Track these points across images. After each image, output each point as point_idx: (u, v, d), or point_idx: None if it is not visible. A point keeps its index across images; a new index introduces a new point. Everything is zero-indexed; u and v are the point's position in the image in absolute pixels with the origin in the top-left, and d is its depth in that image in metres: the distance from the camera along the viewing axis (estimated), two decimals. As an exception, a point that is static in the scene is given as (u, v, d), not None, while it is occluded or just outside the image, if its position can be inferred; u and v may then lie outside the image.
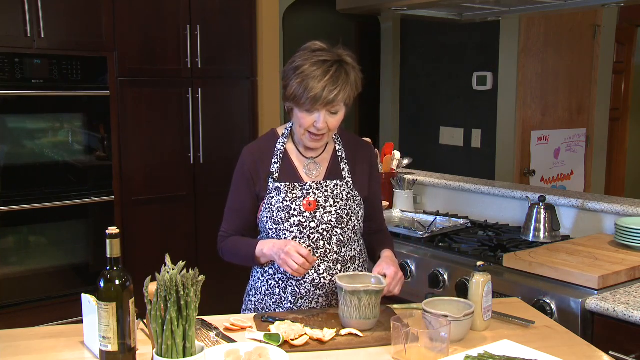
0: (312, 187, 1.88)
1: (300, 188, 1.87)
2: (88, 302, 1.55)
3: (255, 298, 1.96)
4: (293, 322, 1.67)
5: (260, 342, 1.58)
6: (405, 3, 2.94)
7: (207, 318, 1.72)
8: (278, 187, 1.87)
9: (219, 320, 1.71)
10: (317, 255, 1.85)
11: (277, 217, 1.86)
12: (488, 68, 4.57)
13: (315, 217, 1.86)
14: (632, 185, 5.73)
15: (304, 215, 1.85)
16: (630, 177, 5.67)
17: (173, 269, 1.31)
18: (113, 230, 1.37)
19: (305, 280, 1.87)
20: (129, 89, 3.59)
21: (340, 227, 1.88)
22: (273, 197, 1.87)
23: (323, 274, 1.87)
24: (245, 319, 1.73)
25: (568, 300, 2.03)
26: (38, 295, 3.37)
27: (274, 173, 1.90)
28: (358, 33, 6.92)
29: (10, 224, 3.29)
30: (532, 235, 2.64)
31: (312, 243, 1.86)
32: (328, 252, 1.87)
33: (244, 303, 2.03)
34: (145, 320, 1.63)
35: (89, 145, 3.51)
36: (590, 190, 4.83)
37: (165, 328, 1.28)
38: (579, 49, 4.69)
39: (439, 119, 5.01)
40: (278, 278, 1.91)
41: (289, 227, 1.85)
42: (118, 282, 1.38)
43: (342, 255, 1.90)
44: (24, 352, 1.55)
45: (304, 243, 1.85)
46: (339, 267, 1.89)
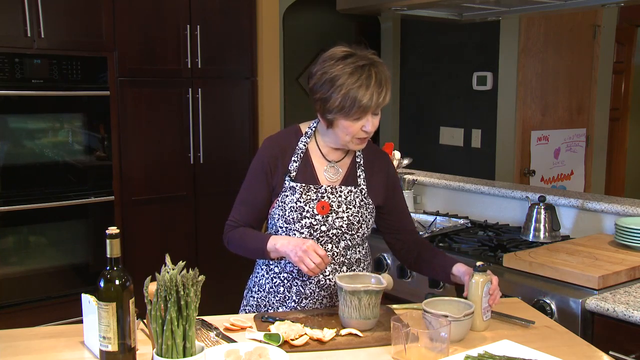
0: (327, 190, 1.87)
1: (315, 190, 1.86)
2: (88, 302, 1.55)
3: (258, 295, 1.95)
4: (293, 322, 1.67)
5: (260, 342, 1.58)
6: (405, 3, 2.94)
7: (207, 318, 1.72)
8: (293, 186, 1.86)
9: (219, 320, 1.71)
10: None
11: (289, 216, 1.85)
12: (488, 68, 4.57)
13: (327, 221, 1.85)
14: (632, 185, 5.73)
15: (316, 218, 1.84)
16: (630, 177, 5.67)
17: (173, 269, 1.31)
18: (113, 230, 1.37)
19: (311, 281, 1.87)
20: (129, 89, 3.59)
21: (350, 233, 1.88)
22: (287, 195, 1.86)
23: (329, 276, 1.88)
24: (245, 319, 1.73)
25: (568, 300, 2.03)
26: (38, 295, 3.37)
27: (292, 172, 1.88)
28: (358, 33, 6.90)
29: (10, 224, 3.29)
30: (532, 235, 2.64)
31: (320, 245, 1.85)
32: (335, 254, 1.88)
33: (245, 299, 2.01)
34: (145, 320, 1.63)
35: (89, 145, 3.51)
36: (590, 190, 4.83)
37: (165, 328, 1.28)
38: (579, 49, 4.69)
39: (439, 119, 5.01)
40: (283, 277, 1.90)
41: (300, 228, 1.85)
42: (118, 282, 1.38)
43: (347, 258, 1.90)
44: (24, 352, 1.55)
45: None
46: (345, 269, 1.90)
